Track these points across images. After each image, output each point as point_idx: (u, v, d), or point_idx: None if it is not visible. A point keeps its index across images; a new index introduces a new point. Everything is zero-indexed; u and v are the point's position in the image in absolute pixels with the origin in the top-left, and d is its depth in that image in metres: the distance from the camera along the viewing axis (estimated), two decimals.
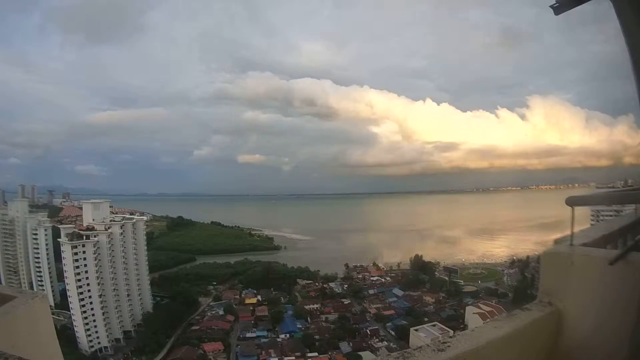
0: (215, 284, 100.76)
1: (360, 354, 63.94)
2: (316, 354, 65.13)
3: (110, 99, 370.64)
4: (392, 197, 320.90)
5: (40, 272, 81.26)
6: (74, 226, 80.00)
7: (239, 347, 68.16)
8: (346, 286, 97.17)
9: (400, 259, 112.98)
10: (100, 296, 69.98)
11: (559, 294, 3.27)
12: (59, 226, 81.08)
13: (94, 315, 68.35)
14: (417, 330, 51.99)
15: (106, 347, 68.99)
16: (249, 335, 72.35)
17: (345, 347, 67.33)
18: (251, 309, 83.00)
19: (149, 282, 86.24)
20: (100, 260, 71.72)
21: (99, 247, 72.20)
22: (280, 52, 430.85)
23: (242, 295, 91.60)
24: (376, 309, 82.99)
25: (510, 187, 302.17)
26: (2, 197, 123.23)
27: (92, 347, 67.26)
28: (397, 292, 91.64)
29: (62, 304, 73.94)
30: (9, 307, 2.85)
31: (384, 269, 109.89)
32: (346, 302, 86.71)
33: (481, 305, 69.43)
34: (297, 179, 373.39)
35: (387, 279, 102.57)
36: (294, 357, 63.90)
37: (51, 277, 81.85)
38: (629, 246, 3.01)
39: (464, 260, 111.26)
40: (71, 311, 68.01)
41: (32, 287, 77.94)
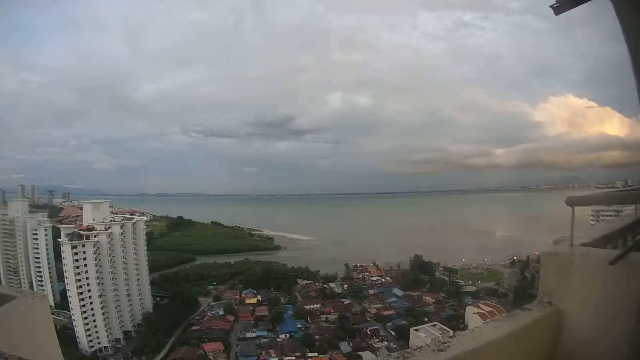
0: (215, 284, 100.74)
1: (360, 354, 63.98)
2: (316, 354, 65.15)
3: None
4: None
5: (40, 272, 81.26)
6: (74, 226, 79.94)
7: (239, 347, 68.18)
8: (346, 286, 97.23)
9: None
10: (100, 296, 69.97)
11: (559, 294, 3.27)
12: (59, 226, 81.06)
13: (94, 315, 68.35)
14: (417, 330, 52.07)
15: (106, 347, 68.96)
16: (249, 335, 72.35)
17: (345, 347, 67.35)
18: (251, 309, 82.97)
19: (149, 282, 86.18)
20: (100, 260, 71.71)
21: (99, 247, 72.19)
22: None
23: (242, 295, 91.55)
24: (376, 309, 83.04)
25: None
26: (2, 197, 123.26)
27: (92, 347, 67.27)
28: (397, 292, 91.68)
29: (62, 304, 73.94)
30: (9, 307, 2.85)
31: (383, 269, 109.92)
32: (346, 302, 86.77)
33: (481, 305, 69.46)
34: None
35: (387, 279, 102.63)
36: (294, 357, 63.91)
37: (51, 277, 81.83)
38: (629, 246, 3.01)
39: (464, 260, 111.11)
40: (71, 311, 68.01)
41: (32, 287, 77.93)
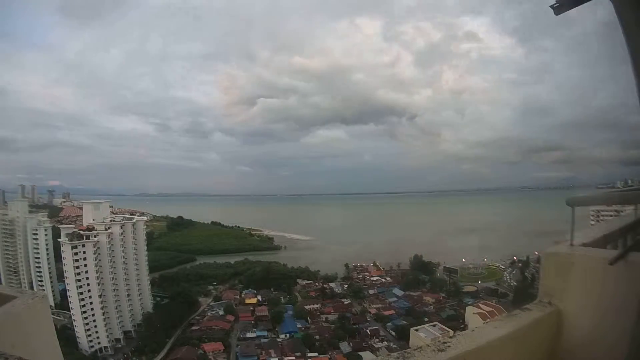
0: (215, 284, 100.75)
1: (360, 354, 63.96)
2: (316, 354, 65.18)
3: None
4: None
5: (40, 272, 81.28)
6: (74, 226, 80.00)
7: (239, 347, 68.19)
8: (346, 286, 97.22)
9: None
10: (100, 296, 70.00)
11: (559, 294, 3.27)
12: (59, 226, 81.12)
13: (94, 315, 68.38)
14: (417, 330, 51.90)
15: (106, 347, 68.99)
16: (249, 335, 72.38)
17: (345, 347, 67.37)
18: (251, 309, 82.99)
19: (149, 282, 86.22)
20: (100, 260, 71.73)
21: (99, 247, 72.21)
22: None
23: (242, 295, 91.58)
24: (376, 309, 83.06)
25: None
26: (2, 197, 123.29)
27: (92, 347, 67.29)
28: (397, 292, 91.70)
29: (62, 304, 73.98)
30: (9, 307, 2.85)
31: (383, 269, 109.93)
32: (346, 302, 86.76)
33: (481, 305, 69.37)
34: None
35: (387, 279, 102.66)
36: (294, 357, 63.90)
37: (51, 277, 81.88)
38: (629, 246, 3.01)
39: (464, 260, 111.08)
40: (71, 311, 68.04)
41: (32, 287, 77.91)
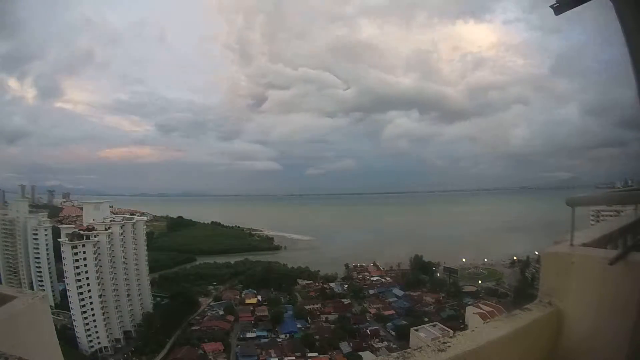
0: (215, 284, 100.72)
1: (360, 354, 63.93)
2: (316, 354, 65.16)
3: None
4: None
5: (40, 272, 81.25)
6: (74, 226, 79.99)
7: (239, 347, 68.17)
8: (346, 286, 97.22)
9: None
10: (100, 296, 69.96)
11: (559, 294, 3.27)
12: (59, 226, 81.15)
13: (94, 315, 68.33)
14: (417, 330, 51.87)
15: (106, 347, 68.97)
16: (249, 335, 72.35)
17: (345, 347, 67.32)
18: (251, 309, 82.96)
19: (149, 282, 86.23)
20: (100, 260, 71.71)
21: (99, 247, 72.16)
22: None
23: (242, 295, 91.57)
24: (376, 309, 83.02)
25: None
26: (2, 197, 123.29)
27: (92, 347, 67.27)
28: (397, 292, 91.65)
29: (62, 304, 73.90)
30: (9, 307, 2.86)
31: (383, 269, 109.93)
32: (346, 302, 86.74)
33: (481, 305, 69.32)
34: None
35: (387, 279, 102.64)
36: (294, 357, 63.91)
37: (51, 277, 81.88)
38: (629, 246, 3.01)
39: (464, 260, 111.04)
40: (71, 311, 67.96)
41: (32, 287, 77.82)
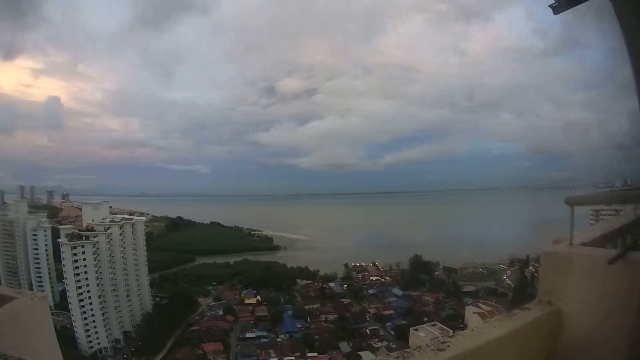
0: (214, 284, 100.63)
1: (360, 354, 63.94)
2: (316, 354, 65.20)
3: None
4: None
5: (39, 272, 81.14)
6: (73, 227, 79.97)
7: (239, 347, 68.17)
8: (346, 286, 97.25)
9: None
10: (99, 297, 69.94)
11: (558, 293, 3.28)
12: (59, 227, 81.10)
13: (93, 315, 68.31)
14: (416, 330, 51.84)
15: (106, 348, 68.96)
16: (248, 335, 72.37)
17: (345, 347, 67.37)
18: (251, 309, 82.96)
19: (149, 282, 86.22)
20: (99, 260, 71.69)
21: (98, 248, 72.14)
22: None
23: (242, 295, 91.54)
24: (376, 308, 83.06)
25: None
26: (1, 197, 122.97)
27: (92, 347, 67.24)
28: (397, 292, 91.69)
29: (62, 304, 73.82)
30: (8, 307, 2.85)
31: (383, 268, 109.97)
32: (346, 302, 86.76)
33: (481, 305, 69.29)
34: None
35: (387, 278, 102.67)
36: (293, 357, 63.95)
37: (51, 278, 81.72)
38: (628, 246, 3.02)
39: (463, 259, 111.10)
40: (71, 312, 67.91)
41: (31, 287, 77.69)
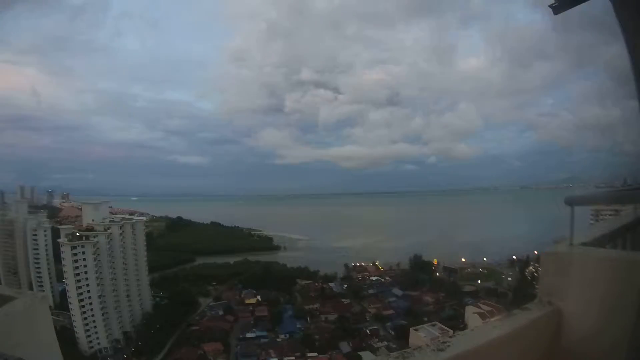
0: (214, 284, 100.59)
1: (360, 354, 63.97)
2: (316, 354, 65.15)
3: None
4: None
5: (39, 272, 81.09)
6: (73, 227, 79.90)
7: (239, 347, 68.15)
8: (346, 286, 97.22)
9: None
10: (99, 297, 69.91)
11: (558, 293, 3.27)
12: (59, 227, 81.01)
13: (93, 315, 68.27)
14: (416, 330, 51.95)
15: (106, 348, 68.93)
16: (248, 335, 72.37)
17: (345, 347, 67.36)
18: (251, 309, 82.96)
19: (149, 282, 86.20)
20: (99, 260, 71.67)
21: (98, 248, 72.12)
22: None
23: (242, 295, 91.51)
24: (376, 308, 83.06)
25: None
26: (1, 197, 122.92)
27: (92, 347, 67.24)
28: (397, 292, 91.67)
29: (62, 304, 73.81)
30: (8, 307, 2.85)
31: (383, 268, 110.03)
32: (346, 302, 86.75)
33: (481, 305, 69.36)
34: None
35: (387, 278, 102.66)
36: (293, 357, 63.91)
37: (51, 278, 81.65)
38: (628, 246, 3.02)
39: (463, 259, 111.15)
40: (71, 312, 67.89)
41: (31, 287, 77.64)
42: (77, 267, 68.11)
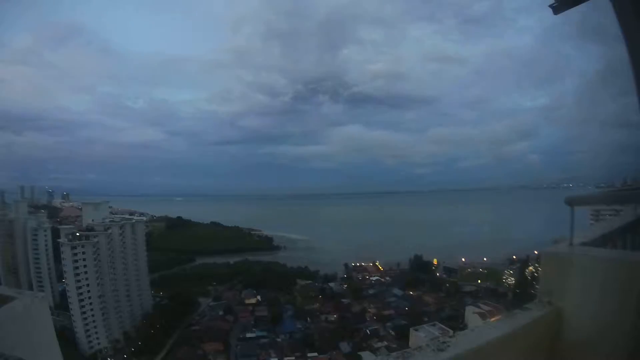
0: (214, 284, 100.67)
1: (360, 354, 63.83)
2: (316, 354, 65.14)
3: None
4: None
5: (39, 272, 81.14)
6: (73, 227, 79.90)
7: (239, 347, 68.10)
8: (346, 286, 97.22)
9: None
10: (99, 297, 69.88)
11: (558, 293, 3.27)
12: (59, 227, 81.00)
13: (93, 315, 68.23)
14: (416, 330, 51.91)
15: (106, 348, 68.92)
16: (248, 335, 72.33)
17: (345, 347, 67.32)
18: (251, 309, 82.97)
19: (149, 282, 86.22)
20: (99, 260, 71.65)
21: (98, 248, 72.09)
22: None
23: (242, 295, 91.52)
24: (376, 308, 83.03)
25: None
26: (1, 197, 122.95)
27: (92, 347, 67.21)
28: (397, 292, 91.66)
29: (62, 304, 73.85)
30: (8, 307, 2.86)
31: (383, 268, 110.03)
32: (346, 302, 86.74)
33: (481, 305, 69.32)
34: None
35: (387, 278, 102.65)
36: (293, 357, 63.88)
37: (51, 278, 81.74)
38: (628, 246, 3.02)
39: (463, 259, 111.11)
40: (71, 312, 67.88)
41: (31, 287, 77.61)
42: (77, 267, 68.04)
